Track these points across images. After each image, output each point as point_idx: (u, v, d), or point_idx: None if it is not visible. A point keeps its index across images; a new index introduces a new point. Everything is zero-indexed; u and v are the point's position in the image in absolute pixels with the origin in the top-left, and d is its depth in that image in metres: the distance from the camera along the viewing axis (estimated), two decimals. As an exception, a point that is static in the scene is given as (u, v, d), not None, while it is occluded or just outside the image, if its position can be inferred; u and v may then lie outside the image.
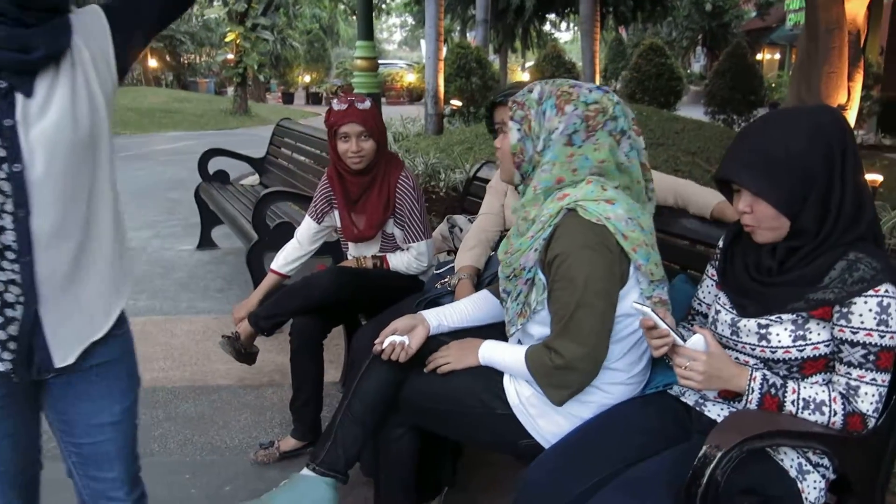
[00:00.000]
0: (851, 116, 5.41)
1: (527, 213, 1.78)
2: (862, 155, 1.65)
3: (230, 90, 23.04)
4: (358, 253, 2.85)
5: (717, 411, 1.67)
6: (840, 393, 1.53)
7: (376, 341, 1.94)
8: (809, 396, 1.52)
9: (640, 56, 14.04)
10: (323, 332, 2.65)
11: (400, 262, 2.77)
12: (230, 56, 18.67)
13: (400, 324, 1.96)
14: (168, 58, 30.52)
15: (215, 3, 19.51)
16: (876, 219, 1.58)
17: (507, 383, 1.83)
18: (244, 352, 2.70)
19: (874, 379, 1.50)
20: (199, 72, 32.31)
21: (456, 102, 11.68)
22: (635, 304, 1.62)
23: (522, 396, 1.79)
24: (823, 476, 1.57)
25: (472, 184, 3.43)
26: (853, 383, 1.51)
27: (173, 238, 6.09)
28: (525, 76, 27.82)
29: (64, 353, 1.37)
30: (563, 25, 31.24)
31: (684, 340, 1.56)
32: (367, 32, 6.15)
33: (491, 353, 1.86)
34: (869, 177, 4.26)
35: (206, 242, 5.68)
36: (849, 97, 5.31)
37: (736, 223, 1.73)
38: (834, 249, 1.52)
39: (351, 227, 2.75)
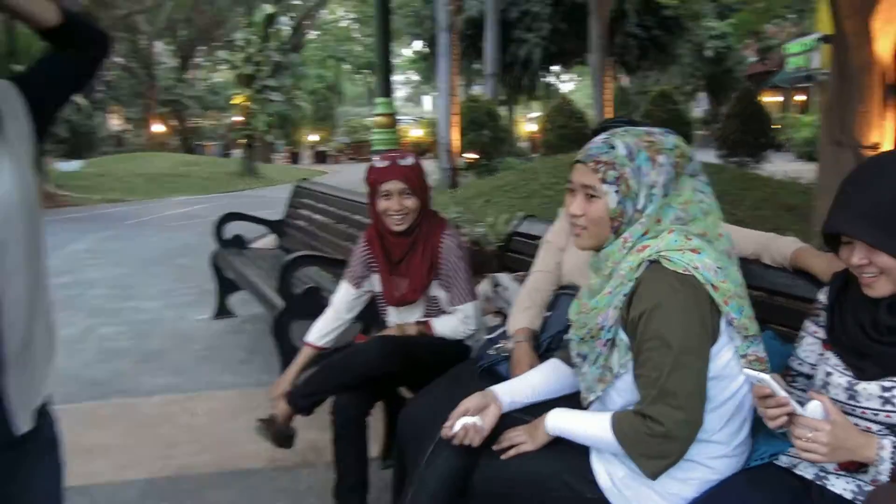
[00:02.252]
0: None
1: (605, 267, 1.63)
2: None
3: (236, 152, 23.25)
4: (400, 318, 2.62)
5: (841, 486, 1.49)
6: None
7: (446, 424, 1.74)
8: None
9: (652, 103, 14.30)
10: (367, 408, 2.42)
11: (445, 326, 2.55)
12: (238, 118, 18.82)
13: (471, 403, 1.76)
14: (174, 122, 30.86)
15: (221, 67, 19.79)
16: None
17: (596, 463, 1.64)
18: (282, 435, 2.46)
19: None
20: (205, 135, 32.62)
21: (471, 156, 11.68)
22: (746, 370, 1.48)
23: (615, 478, 1.60)
24: None
25: (513, 239, 3.25)
26: None
27: (187, 307, 5.86)
28: (533, 127, 28.04)
29: (24, 418, 1.35)
30: (565, 76, 31.68)
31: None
32: (387, 89, 6.11)
33: (561, 422, 1.66)
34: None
35: (222, 311, 5.45)
36: (883, 136, 5.28)
37: (838, 276, 1.61)
38: None
39: (392, 290, 2.54)
